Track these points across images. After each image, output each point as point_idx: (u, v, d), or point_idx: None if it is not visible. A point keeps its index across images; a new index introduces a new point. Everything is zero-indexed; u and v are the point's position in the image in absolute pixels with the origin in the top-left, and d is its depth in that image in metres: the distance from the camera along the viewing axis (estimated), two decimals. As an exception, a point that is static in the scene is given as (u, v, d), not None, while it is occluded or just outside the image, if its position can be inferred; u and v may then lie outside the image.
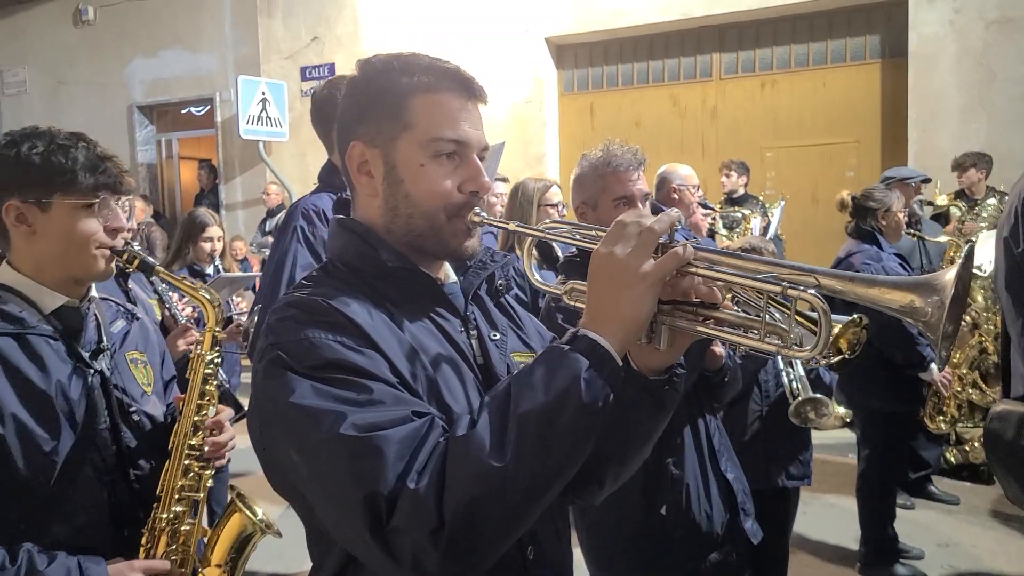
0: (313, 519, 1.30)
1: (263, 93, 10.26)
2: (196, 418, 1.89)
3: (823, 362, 2.51)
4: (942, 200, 6.49)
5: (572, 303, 1.45)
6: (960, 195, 6.71)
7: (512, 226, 1.48)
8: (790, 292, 1.16)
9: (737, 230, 6.81)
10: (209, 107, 11.48)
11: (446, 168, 1.36)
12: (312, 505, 1.23)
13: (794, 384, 3.28)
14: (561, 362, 1.14)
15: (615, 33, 8.90)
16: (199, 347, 1.94)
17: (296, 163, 10.68)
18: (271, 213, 9.94)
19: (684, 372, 1.40)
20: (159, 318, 3.55)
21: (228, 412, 1.98)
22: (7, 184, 1.78)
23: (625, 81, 9.22)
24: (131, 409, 1.86)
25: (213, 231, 4.66)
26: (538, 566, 1.37)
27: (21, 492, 1.67)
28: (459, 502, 1.07)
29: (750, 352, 1.30)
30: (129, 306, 2.07)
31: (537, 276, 1.53)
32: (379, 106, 1.38)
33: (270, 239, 9.29)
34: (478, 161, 1.39)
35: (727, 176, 7.57)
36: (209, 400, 1.91)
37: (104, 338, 1.88)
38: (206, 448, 1.90)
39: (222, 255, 4.85)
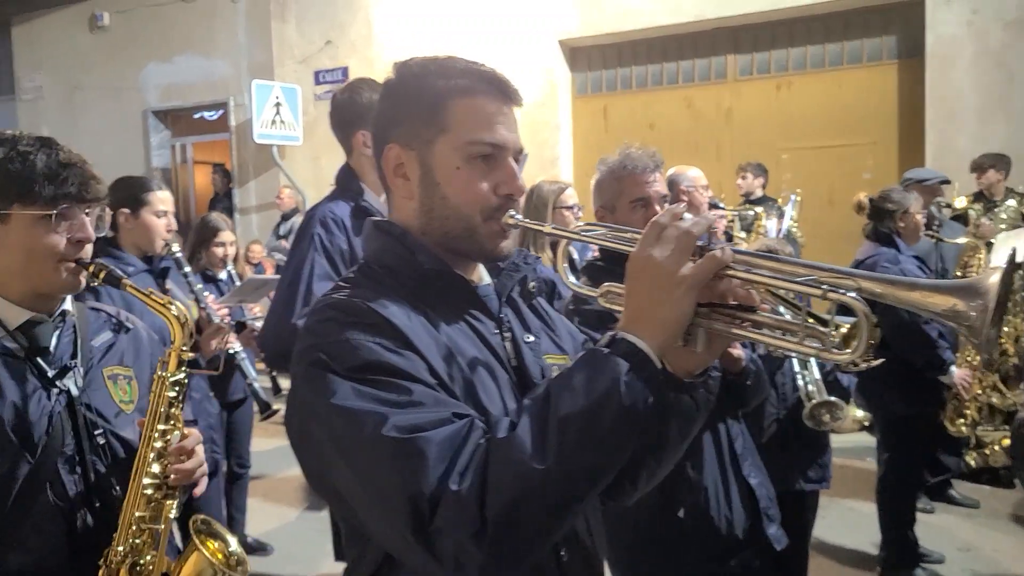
0: (352, 519, 1.31)
1: (277, 97, 10.29)
2: (158, 444, 1.73)
3: (863, 365, 2.48)
4: (960, 202, 6.44)
5: (608, 305, 1.45)
6: (979, 197, 6.65)
7: (548, 228, 1.49)
8: (831, 295, 1.16)
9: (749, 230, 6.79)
10: (223, 112, 11.53)
11: (481, 171, 1.37)
12: (352, 506, 1.24)
13: (809, 387, 3.26)
14: (601, 365, 1.15)
15: (629, 35, 8.89)
16: (163, 368, 1.76)
17: (310, 167, 10.70)
18: (285, 217, 9.98)
19: (719, 374, 1.40)
20: (195, 317, 3.59)
21: (196, 437, 1.79)
22: None
23: (639, 83, 9.20)
24: (96, 432, 1.74)
25: (225, 236, 4.69)
26: (572, 568, 1.38)
27: None
28: (501, 504, 1.08)
29: (766, 354, 1.31)
30: (124, 316, 1.95)
31: (572, 278, 1.54)
32: (416, 109, 1.39)
33: (284, 243, 9.33)
34: (513, 164, 1.40)
35: (743, 178, 7.55)
36: (174, 424, 1.75)
37: (78, 353, 1.79)
38: (171, 476, 1.73)
39: (235, 260, 4.87)
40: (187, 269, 3.62)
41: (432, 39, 9.45)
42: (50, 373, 1.72)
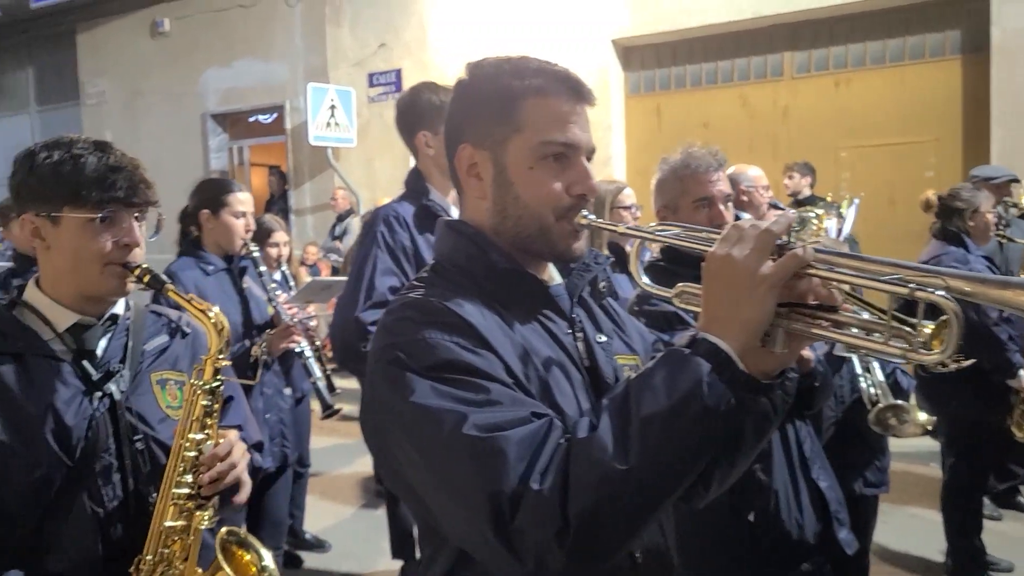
0: (427, 517, 1.32)
1: (331, 100, 10.42)
2: (191, 453, 1.68)
3: (953, 366, 2.42)
4: (1028, 200, 6.23)
5: (682, 306, 1.44)
6: (1048, 195, 6.43)
7: (622, 228, 1.48)
8: (918, 294, 1.13)
9: (808, 230, 6.64)
10: (277, 115, 11.72)
11: (554, 171, 1.37)
12: (430, 504, 1.25)
13: (873, 390, 3.18)
14: (682, 366, 1.14)
15: (683, 33, 8.80)
16: (198, 376, 1.72)
17: (363, 168, 10.82)
18: (340, 218, 10.10)
19: (796, 376, 1.37)
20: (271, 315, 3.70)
21: (228, 444, 1.73)
22: (23, 197, 1.72)
23: (693, 82, 9.11)
24: (136, 437, 1.72)
25: (279, 236, 4.78)
26: (646, 569, 1.37)
27: (12, 518, 1.62)
28: (584, 504, 1.08)
29: (824, 356, 1.28)
30: (185, 320, 1.92)
31: (645, 279, 1.53)
32: (489, 109, 1.40)
33: (339, 244, 9.45)
34: (586, 164, 1.40)
35: (790, 178, 7.43)
36: (209, 434, 1.71)
37: (127, 357, 1.78)
38: (203, 486, 1.68)
39: (288, 260, 4.95)
40: (262, 268, 3.74)
41: (485, 40, 9.48)
42: (95, 376, 1.72)
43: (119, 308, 1.82)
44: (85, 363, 1.72)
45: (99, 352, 1.76)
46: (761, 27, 8.48)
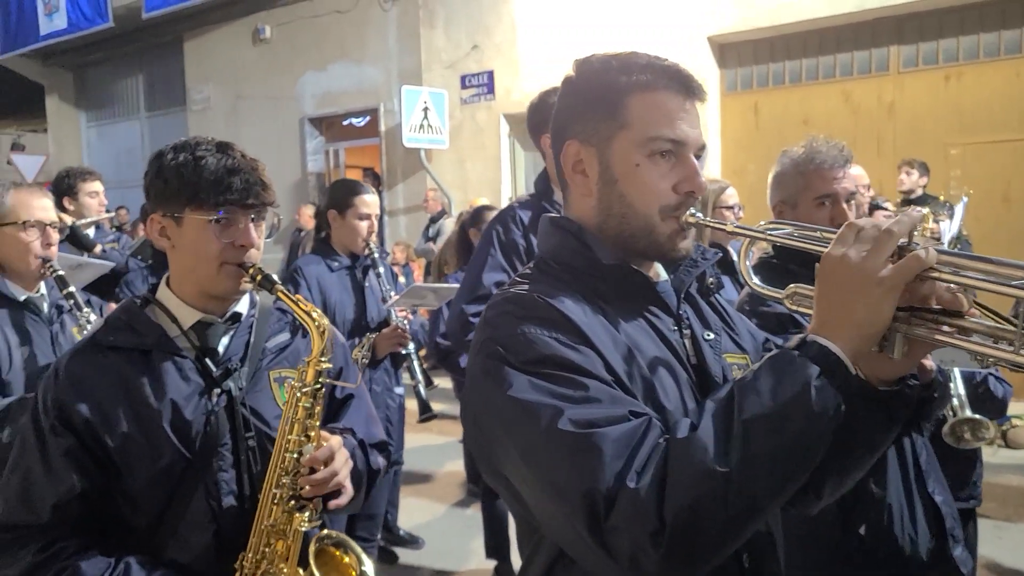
0: (525, 513, 1.31)
1: (425, 102, 10.56)
2: (292, 454, 1.68)
3: None
4: None
5: (794, 307, 1.38)
6: None
7: (731, 227, 1.45)
8: (1055, 300, 1.04)
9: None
10: (370, 118, 11.95)
11: (662, 168, 1.35)
12: (527, 499, 1.24)
13: (953, 401, 3.02)
14: (790, 368, 1.11)
15: (782, 29, 8.55)
16: (300, 378, 1.72)
17: (455, 170, 10.92)
18: (433, 220, 10.22)
19: (916, 384, 1.29)
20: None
21: (329, 449, 1.72)
22: (151, 197, 1.77)
23: (792, 78, 8.84)
24: (248, 434, 1.75)
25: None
26: (753, 574, 1.34)
27: (136, 505, 1.69)
28: (681, 505, 1.06)
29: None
30: (301, 319, 1.87)
31: (756, 279, 1.47)
32: (596, 105, 1.38)
33: (432, 246, 9.56)
34: (695, 161, 1.37)
35: (907, 175, 7.14)
36: (309, 436, 1.70)
37: (247, 355, 1.81)
38: (303, 488, 1.69)
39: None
40: (381, 269, 3.85)
41: (577, 38, 9.43)
42: (215, 373, 1.75)
43: (242, 306, 1.86)
44: (207, 360, 1.76)
45: (220, 349, 1.80)
46: (865, 20, 8.18)
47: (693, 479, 1.06)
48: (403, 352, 3.84)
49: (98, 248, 4.68)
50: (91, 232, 4.84)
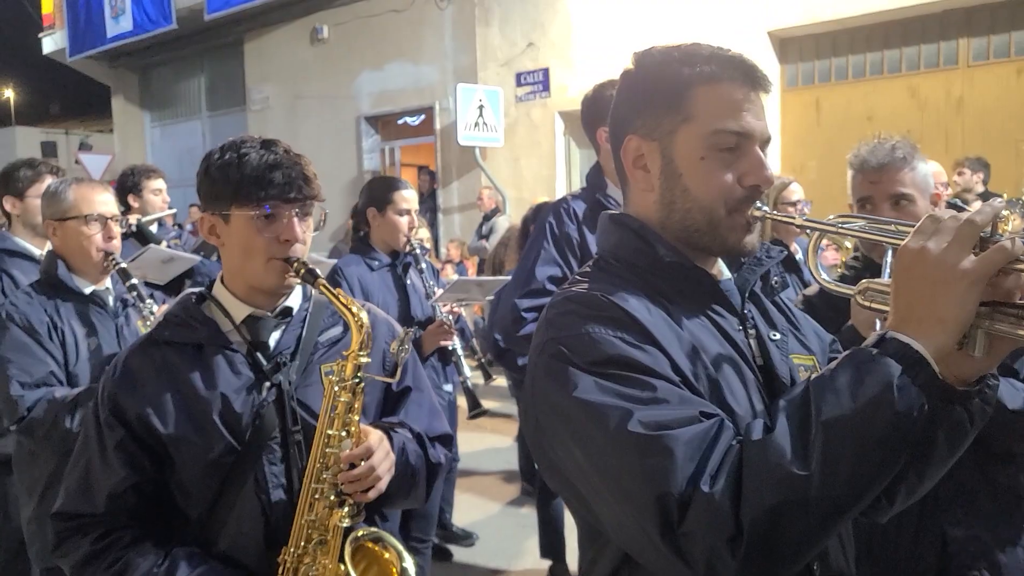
0: (589, 516, 1.28)
1: (480, 100, 10.58)
2: (331, 449, 1.67)
3: None
4: None
5: (866, 304, 1.32)
6: None
7: (799, 220, 1.40)
8: None
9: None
10: (425, 116, 12.01)
11: (727, 161, 1.31)
12: (592, 502, 1.21)
13: None
14: (870, 367, 1.06)
15: (846, 22, 8.35)
16: (339, 373, 1.71)
17: (510, 168, 10.91)
18: (486, 217, 10.22)
19: (996, 383, 1.22)
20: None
21: (368, 447, 1.69)
22: (201, 196, 1.79)
23: (856, 73, 8.63)
24: (295, 428, 1.75)
25: (421, 233, 4.87)
26: None
27: (189, 495, 1.72)
28: (758, 510, 1.02)
29: None
30: (341, 313, 1.85)
31: (824, 275, 1.42)
32: (658, 98, 1.34)
33: (486, 243, 9.56)
34: (760, 154, 1.33)
35: (959, 174, 6.92)
36: (348, 431, 1.69)
37: (299, 349, 1.81)
38: (342, 484, 1.68)
39: (430, 256, 5.04)
40: (423, 266, 3.81)
41: (633, 35, 9.34)
42: (265, 367, 1.77)
43: (293, 301, 1.87)
44: (258, 354, 1.78)
45: (271, 343, 1.81)
46: (932, 13, 7.95)
47: (771, 483, 1.03)
48: (449, 348, 3.80)
49: (163, 244, 4.76)
50: (154, 229, 4.93)
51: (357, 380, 1.70)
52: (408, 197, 3.69)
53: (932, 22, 8.07)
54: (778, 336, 1.40)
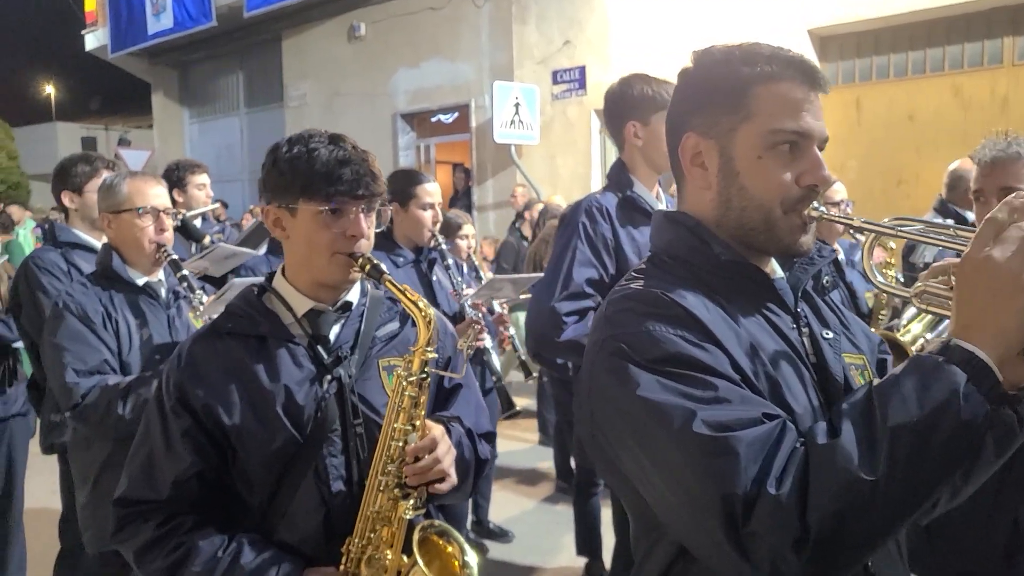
0: (645, 510, 1.28)
1: (516, 98, 10.59)
2: (397, 442, 1.68)
3: None
4: None
5: (923, 307, 1.32)
6: None
7: (858, 222, 1.40)
8: None
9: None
10: (459, 114, 12.05)
11: (785, 160, 1.31)
12: (651, 499, 1.22)
13: None
14: (935, 374, 1.07)
15: (889, 20, 8.25)
16: (406, 367, 1.71)
17: (545, 165, 10.92)
18: (520, 215, 10.21)
19: None
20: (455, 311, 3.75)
21: (432, 439, 1.71)
22: (267, 188, 1.80)
23: (898, 72, 8.52)
24: (356, 421, 1.77)
25: (468, 229, 4.90)
26: None
27: (251, 486, 1.74)
28: (826, 512, 1.04)
29: None
30: (408, 308, 1.85)
31: (879, 277, 1.42)
32: (718, 97, 1.35)
33: (524, 243, 9.56)
34: (819, 154, 1.33)
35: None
36: (414, 425, 1.70)
37: (357, 343, 1.83)
38: (407, 477, 1.69)
39: (475, 252, 5.05)
40: (449, 261, 3.76)
41: (671, 32, 9.30)
42: (326, 361, 1.78)
43: (353, 295, 1.89)
44: (319, 347, 1.80)
45: (332, 337, 1.83)
46: (978, 11, 7.82)
47: (839, 487, 1.04)
48: (481, 347, 3.76)
49: (207, 239, 4.83)
50: (198, 223, 5.00)
51: (424, 375, 1.71)
52: (431, 191, 3.60)
53: (978, 20, 7.94)
54: (831, 335, 1.41)
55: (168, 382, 1.76)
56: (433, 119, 12.69)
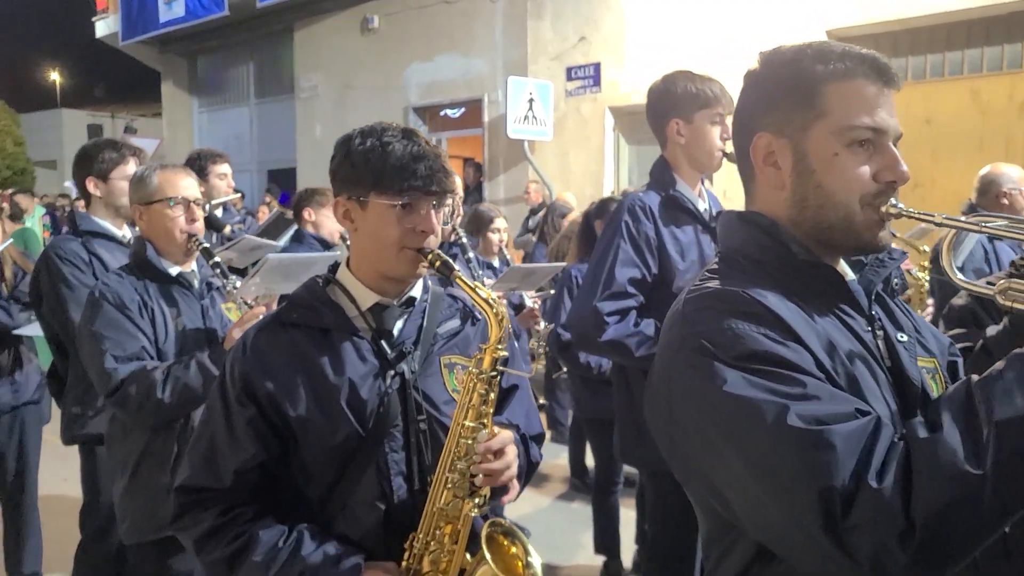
0: (723, 510, 1.27)
1: (530, 93, 10.56)
2: (466, 440, 1.67)
3: None
4: None
5: (1007, 303, 1.32)
6: None
7: (939, 218, 1.39)
8: None
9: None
10: (466, 108, 12.03)
11: (861, 157, 1.32)
12: (733, 496, 1.21)
13: None
14: None
15: (907, 23, 8.22)
16: (477, 365, 1.71)
17: (558, 162, 10.89)
18: (533, 211, 10.21)
19: None
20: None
21: (503, 439, 1.70)
22: (338, 180, 1.79)
23: (915, 75, 8.49)
24: (419, 417, 1.77)
25: (499, 223, 4.87)
26: (986, 570, 1.32)
27: (311, 477, 1.73)
28: (932, 506, 1.04)
29: None
30: (479, 306, 1.84)
31: (959, 276, 1.41)
32: (790, 95, 1.35)
33: (532, 237, 9.56)
34: (895, 150, 1.33)
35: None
36: (483, 423, 1.68)
37: (420, 339, 1.83)
38: (476, 476, 1.67)
39: (507, 246, 5.03)
40: (471, 255, 3.76)
41: (686, 33, 9.27)
42: (390, 356, 1.77)
43: (416, 291, 1.88)
44: (382, 342, 1.79)
45: (395, 332, 1.82)
46: (997, 15, 7.79)
47: (945, 481, 1.04)
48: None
49: (228, 229, 4.82)
50: (219, 213, 4.99)
51: (495, 373, 1.69)
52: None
53: (997, 24, 7.91)
54: (905, 338, 1.41)
55: (233, 371, 1.75)
56: (441, 113, 12.66)
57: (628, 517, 4.47)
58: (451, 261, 1.75)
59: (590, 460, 4.99)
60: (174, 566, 2.69)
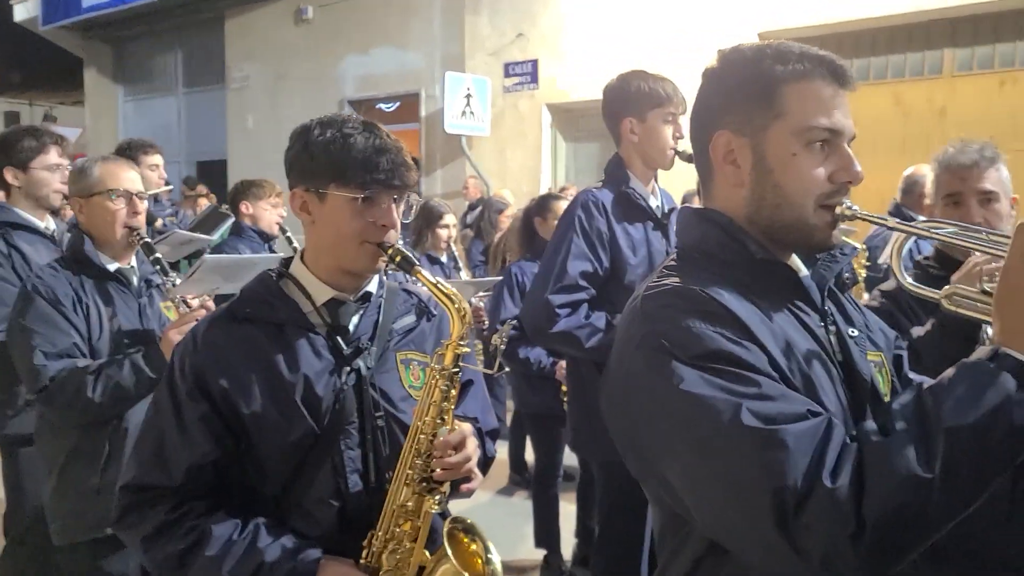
0: (676, 505, 1.30)
1: (468, 89, 10.53)
2: (426, 436, 1.67)
3: None
4: None
5: (953, 309, 1.37)
6: None
7: (892, 222, 1.44)
8: None
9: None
10: (400, 103, 11.94)
11: (818, 158, 1.35)
12: (687, 493, 1.23)
13: None
14: (988, 380, 1.11)
15: (834, 28, 8.45)
16: (439, 361, 1.70)
17: (495, 158, 10.90)
18: (472, 207, 10.19)
19: None
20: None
21: (461, 433, 1.70)
22: (295, 171, 1.76)
23: (842, 78, 8.75)
24: (377, 414, 1.75)
25: (449, 219, 4.86)
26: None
27: (264, 478, 1.71)
28: (883, 508, 1.06)
29: None
30: (433, 301, 1.89)
31: (908, 278, 1.46)
32: (750, 95, 1.37)
33: (470, 232, 9.55)
34: (849, 150, 1.37)
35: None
36: (444, 419, 1.68)
37: (376, 335, 1.80)
38: (434, 471, 1.66)
39: (455, 242, 5.01)
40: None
41: (623, 31, 9.37)
42: (346, 352, 1.75)
43: (372, 286, 1.86)
44: (338, 338, 1.76)
45: (351, 328, 1.80)
46: (919, 22, 8.08)
47: (896, 484, 1.07)
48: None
49: (159, 222, 4.71)
50: (150, 205, 4.86)
51: (456, 369, 1.69)
52: None
53: (919, 31, 8.21)
54: (856, 333, 1.45)
55: (183, 366, 1.70)
56: (376, 107, 12.53)
57: (568, 511, 4.52)
58: (411, 256, 1.74)
59: (529, 455, 5.03)
60: (105, 567, 2.60)
